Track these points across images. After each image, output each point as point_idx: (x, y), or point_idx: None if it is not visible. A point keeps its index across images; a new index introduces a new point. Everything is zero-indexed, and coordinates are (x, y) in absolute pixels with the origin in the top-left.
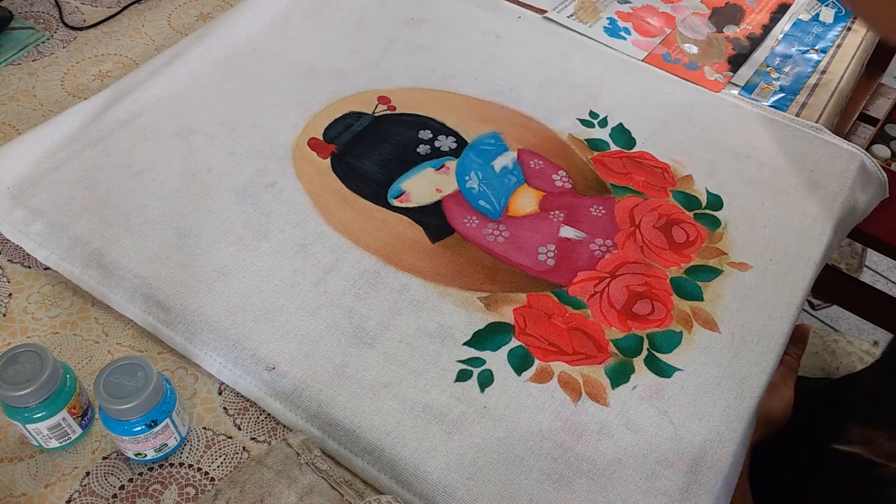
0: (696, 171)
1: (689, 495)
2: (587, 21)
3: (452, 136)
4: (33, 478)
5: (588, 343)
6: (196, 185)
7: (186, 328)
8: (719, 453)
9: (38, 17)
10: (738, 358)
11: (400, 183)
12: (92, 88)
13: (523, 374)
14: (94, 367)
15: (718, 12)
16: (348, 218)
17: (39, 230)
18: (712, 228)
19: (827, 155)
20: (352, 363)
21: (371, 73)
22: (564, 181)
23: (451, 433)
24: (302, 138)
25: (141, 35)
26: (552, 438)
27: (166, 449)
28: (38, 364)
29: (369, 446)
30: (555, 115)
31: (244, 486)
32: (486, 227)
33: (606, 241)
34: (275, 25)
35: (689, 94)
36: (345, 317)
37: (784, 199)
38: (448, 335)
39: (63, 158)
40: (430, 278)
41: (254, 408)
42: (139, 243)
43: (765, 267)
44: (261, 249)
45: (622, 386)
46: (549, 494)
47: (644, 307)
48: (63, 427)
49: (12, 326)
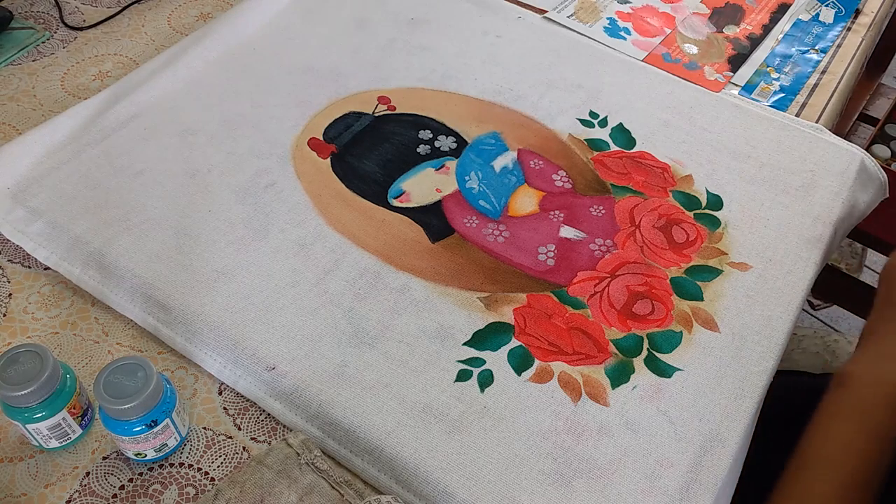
0: (696, 171)
1: (689, 495)
2: (587, 21)
3: (452, 136)
4: (33, 478)
5: (588, 343)
6: (196, 185)
7: (186, 328)
8: (719, 453)
9: (38, 17)
10: (738, 358)
11: (400, 183)
12: (92, 88)
13: (523, 374)
14: (94, 367)
15: (718, 12)
16: (348, 218)
17: (39, 230)
18: (712, 228)
19: (827, 155)
20: (352, 363)
21: (371, 73)
22: (564, 181)
23: (451, 433)
24: (302, 138)
25: (141, 35)
26: (552, 438)
27: (166, 449)
28: (38, 364)
29: (369, 446)
30: (555, 115)
31: (244, 486)
32: (486, 227)
33: (606, 241)
34: (275, 25)
35: (689, 94)
36: (345, 317)
37: (784, 199)
38: (448, 335)
39: (63, 158)
40: (430, 278)
41: (254, 408)
42: (139, 243)
43: (765, 267)
44: (261, 249)
45: (622, 386)
46: (549, 494)
47: (644, 307)
48: (63, 427)
49: (12, 326)
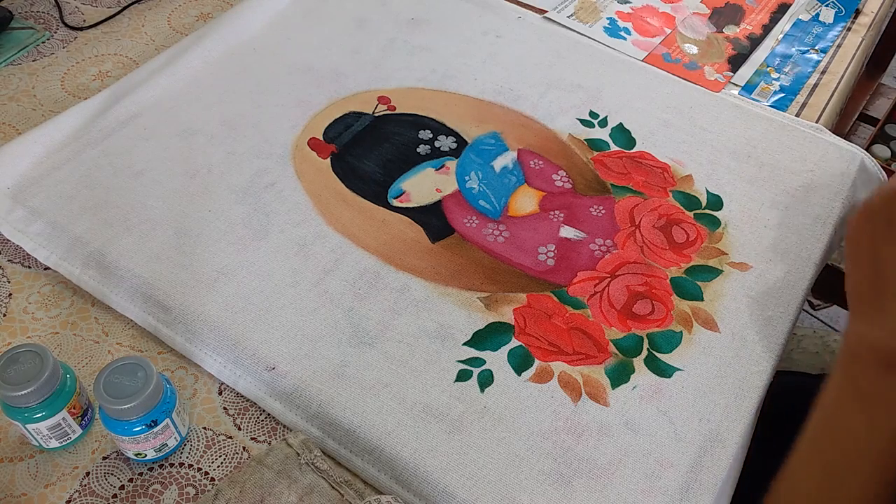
0: (696, 171)
1: (689, 495)
2: (587, 21)
3: (452, 136)
4: (33, 478)
5: (588, 343)
6: (196, 184)
7: (186, 328)
8: (719, 453)
9: (38, 17)
10: (738, 358)
11: (400, 183)
12: (92, 88)
13: (523, 374)
14: (94, 367)
15: (718, 12)
16: (348, 218)
17: (39, 230)
18: (712, 228)
19: (827, 155)
20: (352, 363)
21: (371, 73)
22: (564, 181)
23: (451, 433)
24: (302, 138)
25: (141, 35)
26: (552, 438)
27: (166, 449)
28: (38, 364)
29: (369, 446)
30: (555, 115)
31: (244, 486)
32: (486, 227)
33: (606, 241)
34: (275, 25)
35: (689, 94)
36: (345, 317)
37: (784, 199)
38: (448, 335)
39: (63, 158)
40: (430, 278)
41: (254, 408)
42: (139, 243)
43: (765, 267)
44: (261, 249)
45: (622, 386)
46: (549, 494)
47: (644, 307)
48: (63, 427)
49: (12, 326)
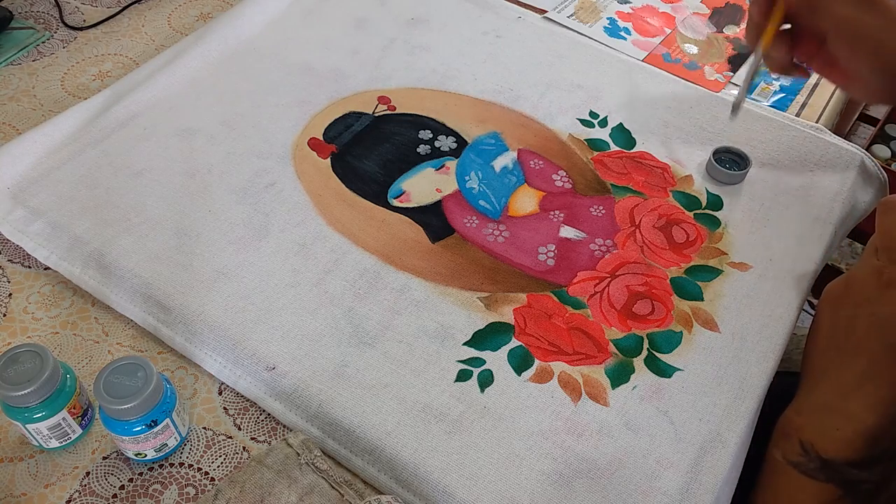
0: (697, 171)
1: (689, 495)
2: (587, 21)
3: (452, 136)
4: (33, 478)
5: (588, 343)
6: (196, 185)
7: (186, 328)
8: (719, 453)
9: (38, 17)
10: (738, 358)
11: (400, 183)
12: (92, 88)
13: (523, 374)
14: (94, 367)
15: (718, 12)
16: (348, 218)
17: (39, 230)
18: (712, 228)
19: (827, 155)
20: (352, 363)
21: (371, 73)
22: (564, 181)
23: (451, 433)
24: (302, 138)
25: (141, 35)
26: (552, 438)
27: (166, 449)
28: (38, 364)
29: (369, 446)
30: (555, 115)
31: (244, 486)
32: (487, 227)
33: (606, 241)
34: (275, 25)
35: (689, 94)
36: (345, 317)
37: (784, 199)
38: (448, 335)
39: (63, 158)
40: (430, 278)
41: (254, 408)
42: (139, 243)
43: (765, 267)
44: (261, 249)
45: (622, 386)
46: (549, 494)
47: (644, 307)
48: (63, 427)
49: (12, 326)
